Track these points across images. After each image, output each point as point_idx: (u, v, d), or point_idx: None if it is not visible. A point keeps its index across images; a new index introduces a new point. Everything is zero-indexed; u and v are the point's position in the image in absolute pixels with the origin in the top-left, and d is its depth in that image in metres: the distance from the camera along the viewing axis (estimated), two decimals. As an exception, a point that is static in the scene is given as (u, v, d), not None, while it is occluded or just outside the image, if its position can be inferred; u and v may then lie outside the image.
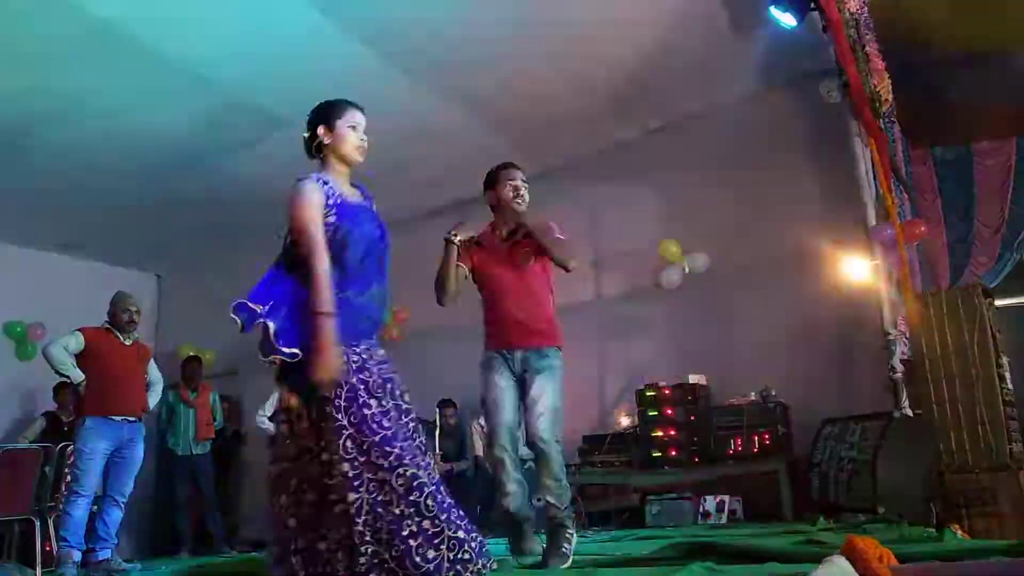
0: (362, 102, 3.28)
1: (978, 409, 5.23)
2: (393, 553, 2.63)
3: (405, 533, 2.64)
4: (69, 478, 5.83)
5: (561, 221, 4.30)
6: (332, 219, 2.99)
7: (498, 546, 5.63)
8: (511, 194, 4.16)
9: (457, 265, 4.10)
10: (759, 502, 6.51)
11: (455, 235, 4.09)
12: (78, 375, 5.61)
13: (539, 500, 4.00)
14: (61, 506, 5.82)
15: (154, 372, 6.13)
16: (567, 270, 4.11)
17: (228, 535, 8.42)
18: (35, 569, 6.25)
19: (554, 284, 4.26)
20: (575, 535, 3.97)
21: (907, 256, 6.10)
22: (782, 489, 6.34)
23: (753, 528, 5.71)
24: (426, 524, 2.67)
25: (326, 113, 3.16)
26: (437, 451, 7.78)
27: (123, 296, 5.98)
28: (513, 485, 3.94)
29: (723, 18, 6.29)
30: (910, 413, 5.65)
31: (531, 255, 4.10)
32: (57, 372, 5.72)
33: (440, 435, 7.86)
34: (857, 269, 6.21)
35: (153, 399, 6.10)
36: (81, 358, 5.67)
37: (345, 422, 2.75)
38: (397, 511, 2.66)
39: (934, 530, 4.38)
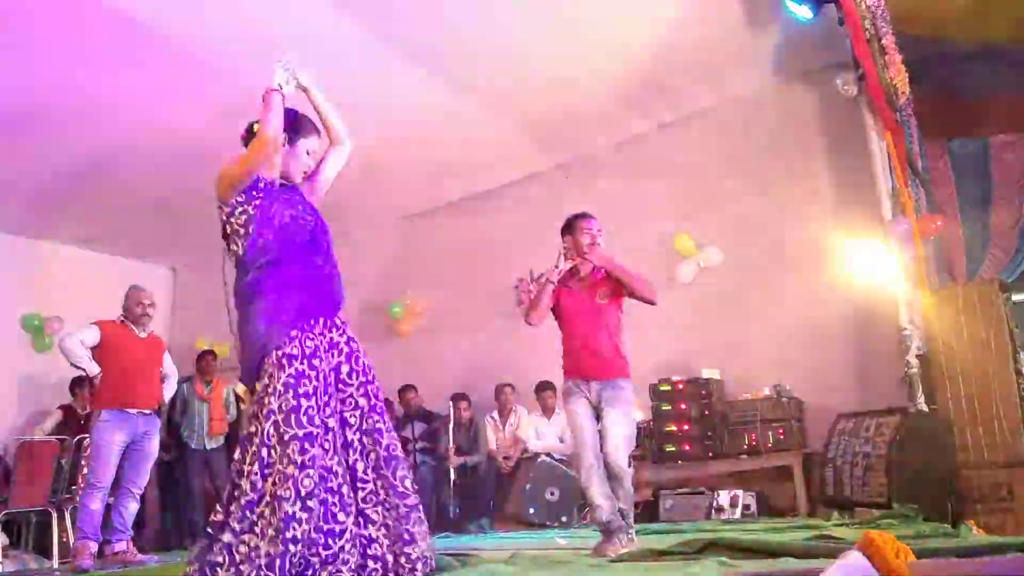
0: (379, 96, 3.32)
1: (994, 404, 5.20)
2: (270, 551, 2.63)
3: (289, 535, 2.64)
4: (85, 470, 5.87)
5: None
6: (260, 200, 3.04)
7: (507, 539, 5.67)
8: (587, 240, 4.60)
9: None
10: (773, 497, 6.50)
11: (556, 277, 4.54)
12: (94, 368, 5.65)
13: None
14: (78, 498, 5.87)
15: (169, 365, 6.15)
16: (653, 303, 4.63)
17: None
18: (52, 560, 6.33)
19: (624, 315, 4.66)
20: (634, 538, 4.33)
21: (923, 251, 6.06)
22: (796, 484, 6.33)
23: (767, 523, 5.70)
24: (311, 534, 2.70)
25: (295, 126, 3.21)
26: (451, 445, 7.79)
27: (136, 289, 6.01)
28: (601, 499, 4.27)
29: (739, 11, 6.26)
30: (925, 408, 5.62)
31: (608, 294, 4.55)
32: (73, 365, 5.76)
33: (454, 429, 7.86)
34: (872, 263, 6.18)
35: (168, 392, 6.13)
36: (97, 351, 5.70)
37: (275, 407, 2.76)
38: (291, 510, 2.66)
39: (950, 526, 4.36)
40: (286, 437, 2.72)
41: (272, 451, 2.72)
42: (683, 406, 6.98)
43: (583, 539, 5.08)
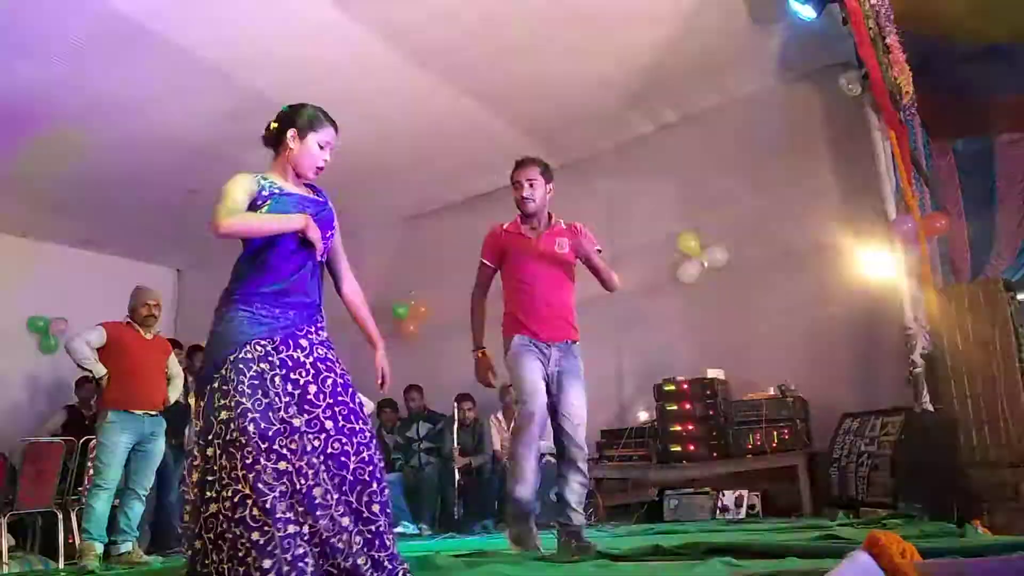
0: (380, 97, 3.32)
1: (999, 404, 5.19)
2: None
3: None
4: (91, 471, 5.88)
5: (579, 216, 4.40)
6: (265, 209, 2.98)
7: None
8: (518, 195, 4.35)
9: (486, 266, 4.48)
10: (778, 497, 6.49)
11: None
12: (100, 369, 5.66)
13: (556, 495, 4.00)
14: (83, 499, 5.88)
15: (174, 367, 6.16)
16: (610, 291, 4.38)
17: None
18: (57, 561, 6.34)
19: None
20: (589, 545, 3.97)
21: (928, 250, 6.05)
22: (801, 484, 6.31)
23: (772, 523, 5.69)
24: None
25: (305, 120, 3.11)
26: (455, 445, 7.79)
27: (143, 290, 6.02)
28: (532, 475, 4.00)
29: (742, 10, 6.25)
30: (930, 408, 5.61)
31: (567, 244, 4.27)
32: (79, 366, 5.78)
33: (458, 429, 7.86)
34: (877, 263, 6.16)
35: (173, 394, 6.13)
36: (103, 352, 5.72)
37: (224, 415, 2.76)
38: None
39: (955, 525, 4.35)
40: (233, 445, 2.71)
41: (219, 455, 2.71)
42: (688, 406, 6.98)
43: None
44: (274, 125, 3.15)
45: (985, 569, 2.45)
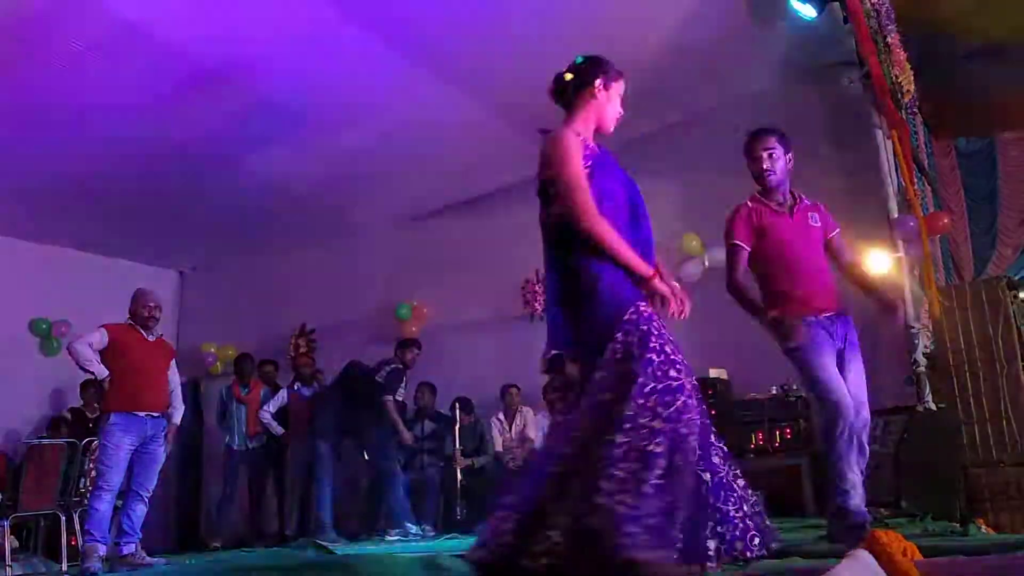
0: (382, 98, 3.31)
1: (1002, 403, 5.18)
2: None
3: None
4: (94, 473, 5.89)
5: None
6: (594, 161, 2.85)
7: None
8: (757, 169, 4.14)
9: (741, 248, 4.07)
10: (781, 497, 6.46)
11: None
12: (102, 371, 5.66)
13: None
14: (86, 501, 5.88)
15: (173, 377, 6.09)
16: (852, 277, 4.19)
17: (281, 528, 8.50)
18: (61, 563, 6.35)
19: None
20: None
21: (930, 249, 6.05)
22: (804, 483, 6.31)
23: (775, 522, 5.67)
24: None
25: (609, 71, 3.01)
26: (456, 447, 7.79)
27: (142, 293, 6.02)
28: (854, 476, 3.62)
29: (743, 10, 6.25)
30: (933, 407, 5.60)
31: (817, 218, 4.06)
32: (82, 368, 5.77)
33: (459, 431, 7.85)
34: (879, 262, 6.16)
35: (174, 399, 6.09)
36: (105, 354, 5.71)
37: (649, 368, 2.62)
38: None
39: (958, 524, 4.35)
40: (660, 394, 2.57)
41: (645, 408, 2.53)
42: (690, 406, 6.97)
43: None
44: (569, 76, 3.06)
45: (987, 568, 2.45)
